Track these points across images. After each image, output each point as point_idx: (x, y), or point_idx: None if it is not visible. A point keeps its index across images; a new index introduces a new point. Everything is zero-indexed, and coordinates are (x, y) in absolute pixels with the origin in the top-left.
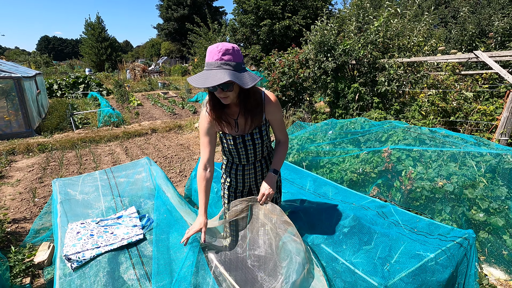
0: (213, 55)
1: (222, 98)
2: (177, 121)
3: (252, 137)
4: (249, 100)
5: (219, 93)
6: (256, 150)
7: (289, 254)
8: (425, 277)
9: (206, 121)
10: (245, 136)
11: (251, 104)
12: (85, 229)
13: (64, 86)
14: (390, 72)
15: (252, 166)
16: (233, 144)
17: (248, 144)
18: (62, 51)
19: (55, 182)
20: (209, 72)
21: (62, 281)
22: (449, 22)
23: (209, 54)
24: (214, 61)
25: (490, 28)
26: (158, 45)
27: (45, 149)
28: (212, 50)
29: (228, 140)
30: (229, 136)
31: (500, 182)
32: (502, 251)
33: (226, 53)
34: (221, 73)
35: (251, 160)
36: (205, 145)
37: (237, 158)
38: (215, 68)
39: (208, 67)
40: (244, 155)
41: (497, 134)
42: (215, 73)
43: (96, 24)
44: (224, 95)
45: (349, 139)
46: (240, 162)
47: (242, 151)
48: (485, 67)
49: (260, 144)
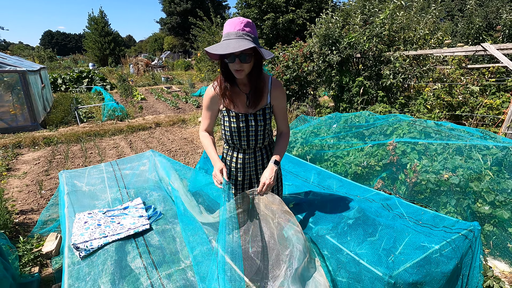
0: (235, 25)
1: (236, 71)
2: (180, 115)
3: (255, 118)
4: (259, 78)
5: (236, 64)
6: (258, 134)
7: (291, 243)
8: (429, 268)
9: (210, 97)
10: (249, 115)
11: (260, 83)
12: (92, 219)
13: (68, 80)
14: (395, 65)
15: (252, 155)
16: (236, 122)
17: (250, 124)
18: (65, 45)
19: (62, 174)
20: (230, 41)
21: (71, 269)
22: (456, 15)
23: (230, 25)
24: (235, 31)
25: (497, 21)
26: (161, 40)
27: (51, 142)
28: (233, 21)
29: (231, 117)
30: (233, 113)
31: (506, 175)
32: (507, 243)
33: (247, 25)
34: (244, 41)
35: (251, 145)
36: (206, 117)
37: (237, 140)
38: (236, 37)
39: (228, 36)
40: (245, 138)
41: (504, 127)
42: (237, 41)
43: (99, 18)
44: (240, 67)
45: (353, 133)
46: (241, 147)
47: (243, 132)
48: (492, 60)
49: (262, 127)
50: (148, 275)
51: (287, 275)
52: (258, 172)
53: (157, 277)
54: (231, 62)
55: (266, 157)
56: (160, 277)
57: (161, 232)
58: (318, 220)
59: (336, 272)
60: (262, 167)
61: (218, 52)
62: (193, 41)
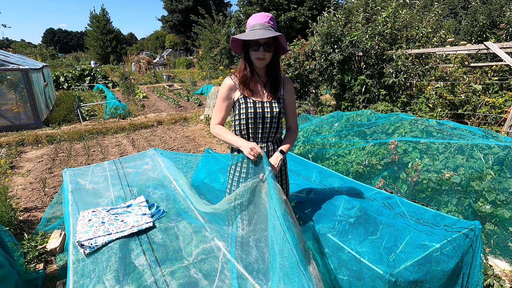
0: (262, 18)
1: (258, 60)
2: (182, 113)
3: (271, 105)
4: (278, 68)
5: (260, 52)
6: (272, 121)
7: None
8: (430, 267)
9: (228, 87)
10: (265, 103)
11: (278, 73)
12: (96, 217)
13: (70, 78)
14: (398, 64)
15: (265, 148)
16: (253, 108)
17: (266, 111)
18: (67, 43)
19: (66, 172)
20: (257, 30)
21: (75, 266)
22: (459, 12)
23: (256, 18)
24: (262, 22)
25: (501, 19)
26: (162, 38)
27: (54, 140)
28: (260, 14)
29: (249, 103)
30: (250, 100)
31: (508, 175)
32: (508, 242)
33: (271, 20)
34: (270, 31)
35: (265, 133)
36: (221, 110)
37: (252, 128)
38: (263, 28)
39: (255, 27)
40: (260, 125)
41: (506, 126)
42: (264, 31)
43: (101, 16)
44: (263, 56)
45: (355, 131)
46: (255, 136)
47: (259, 118)
48: (495, 59)
49: (277, 114)
50: (152, 272)
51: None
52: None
53: (160, 274)
54: (256, 50)
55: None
56: (164, 274)
57: (164, 230)
58: (320, 219)
59: (337, 270)
60: None
61: (248, 38)
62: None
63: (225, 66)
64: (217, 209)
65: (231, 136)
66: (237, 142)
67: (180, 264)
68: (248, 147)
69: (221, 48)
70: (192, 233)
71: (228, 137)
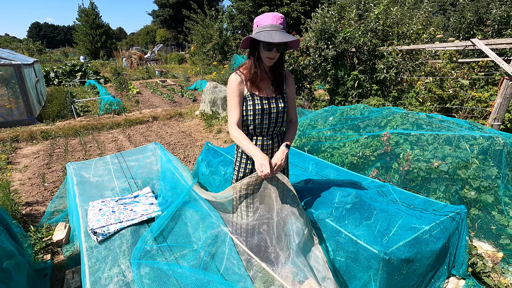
0: (276, 19)
1: (269, 59)
2: (177, 109)
3: (276, 101)
4: (281, 65)
5: (273, 52)
6: (278, 116)
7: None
8: (420, 247)
9: (238, 82)
10: (271, 98)
11: (281, 70)
12: (106, 207)
13: (61, 74)
14: (389, 60)
15: (270, 141)
16: (260, 104)
17: (272, 107)
18: (54, 38)
19: (69, 166)
20: (275, 32)
21: (89, 253)
22: (448, 9)
23: (270, 18)
24: (277, 24)
25: (487, 16)
26: (153, 32)
27: (49, 136)
28: (273, 15)
29: (256, 99)
30: (257, 96)
31: (491, 163)
32: (491, 225)
33: (283, 21)
34: (286, 34)
35: (271, 127)
36: (236, 106)
37: (259, 123)
38: (279, 30)
39: (271, 28)
40: (267, 120)
41: (491, 119)
42: (281, 34)
43: (89, 10)
44: (274, 56)
45: (349, 125)
46: (261, 130)
47: (266, 113)
48: (482, 55)
49: (282, 109)
50: (164, 255)
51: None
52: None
53: (173, 257)
54: (269, 50)
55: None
56: (176, 257)
57: (172, 217)
58: (318, 206)
59: (335, 252)
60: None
61: (266, 40)
62: (186, 34)
63: (218, 62)
64: (225, 197)
65: (248, 143)
66: (252, 151)
67: (190, 248)
68: (259, 162)
69: (213, 44)
70: (199, 220)
71: (245, 143)
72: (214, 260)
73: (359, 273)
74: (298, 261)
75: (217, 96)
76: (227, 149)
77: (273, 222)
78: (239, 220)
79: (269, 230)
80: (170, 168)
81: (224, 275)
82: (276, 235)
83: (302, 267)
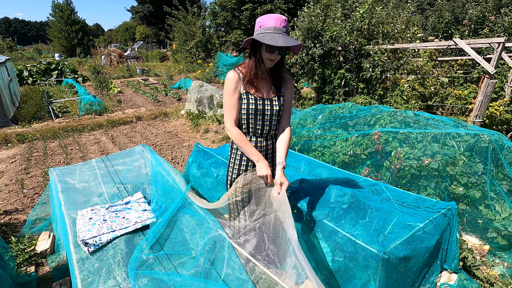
0: (280, 22)
1: (270, 61)
2: (162, 108)
3: (271, 103)
4: (281, 67)
5: (274, 54)
6: (272, 117)
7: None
8: (415, 244)
9: (236, 80)
10: (266, 100)
11: (281, 72)
12: (96, 215)
13: (35, 73)
14: (375, 59)
15: (264, 142)
16: (254, 104)
17: (266, 108)
18: (25, 34)
19: (52, 172)
20: (278, 35)
21: (80, 265)
22: (426, 9)
23: (273, 20)
24: (281, 27)
25: (463, 15)
26: (132, 29)
27: (25, 139)
28: (276, 18)
29: (250, 99)
30: (252, 96)
31: (477, 159)
32: (478, 220)
33: (286, 24)
34: (289, 38)
35: (265, 129)
36: (233, 105)
37: (253, 123)
38: (282, 33)
39: (275, 30)
40: (260, 121)
41: (473, 116)
42: (285, 37)
43: (64, 6)
44: (275, 58)
45: (338, 124)
46: (255, 132)
47: (260, 114)
48: (460, 53)
49: (276, 111)
50: (162, 264)
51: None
52: (268, 157)
53: (171, 266)
54: (271, 52)
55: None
56: (175, 266)
57: (167, 224)
58: (315, 206)
59: (333, 253)
60: (272, 153)
61: (271, 43)
62: (168, 31)
63: (202, 59)
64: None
65: (250, 147)
66: (254, 156)
67: (188, 255)
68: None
69: (196, 41)
70: (195, 225)
71: (247, 147)
72: (215, 266)
73: (358, 272)
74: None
75: (203, 95)
76: (218, 150)
77: (269, 223)
78: (236, 224)
79: (267, 231)
80: (161, 171)
81: (226, 281)
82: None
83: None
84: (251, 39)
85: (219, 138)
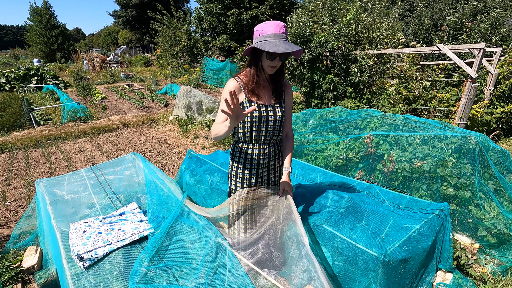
0: (279, 28)
1: (271, 68)
2: (149, 114)
3: (274, 109)
4: (282, 74)
5: (276, 61)
6: (276, 124)
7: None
8: (412, 246)
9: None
10: (268, 106)
11: (281, 79)
12: (90, 228)
13: (13, 79)
14: (362, 64)
15: (267, 149)
16: (258, 112)
17: (270, 115)
18: (1, 39)
19: (39, 183)
20: (278, 41)
21: (75, 281)
22: (406, 15)
23: (275, 27)
24: (281, 33)
25: (442, 21)
26: (115, 34)
27: (5, 149)
28: (275, 24)
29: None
30: (255, 104)
31: (465, 161)
32: (468, 219)
33: (286, 30)
34: (290, 44)
35: (268, 136)
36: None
37: (256, 131)
38: (282, 39)
39: (275, 37)
40: (264, 128)
41: (457, 118)
42: (285, 44)
43: (43, 9)
44: (277, 64)
45: (329, 128)
46: (258, 139)
47: (263, 122)
48: (440, 57)
49: (279, 118)
50: (163, 277)
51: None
52: (270, 164)
53: (172, 278)
54: (272, 59)
55: (279, 152)
56: (176, 277)
57: (166, 235)
58: (313, 211)
59: (333, 257)
60: (274, 160)
61: (271, 50)
62: (152, 35)
63: (188, 64)
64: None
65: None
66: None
67: (189, 266)
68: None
69: (182, 46)
70: (195, 235)
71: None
72: (217, 276)
73: (358, 276)
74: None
75: (192, 101)
76: (211, 157)
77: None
78: (236, 232)
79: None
80: (155, 180)
81: None
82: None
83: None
84: (252, 48)
85: (209, 144)
